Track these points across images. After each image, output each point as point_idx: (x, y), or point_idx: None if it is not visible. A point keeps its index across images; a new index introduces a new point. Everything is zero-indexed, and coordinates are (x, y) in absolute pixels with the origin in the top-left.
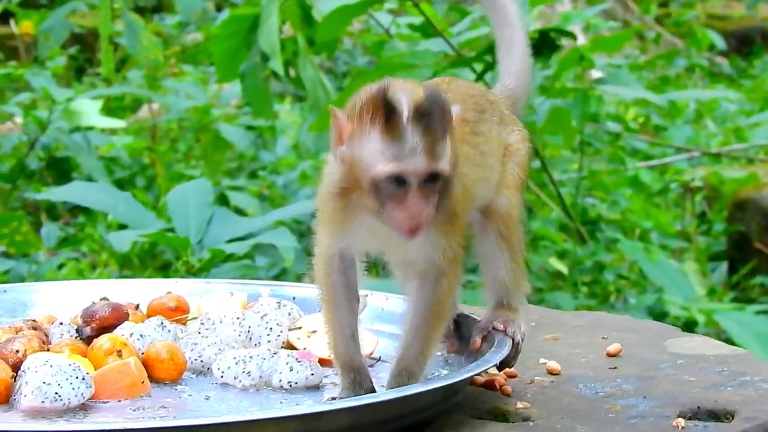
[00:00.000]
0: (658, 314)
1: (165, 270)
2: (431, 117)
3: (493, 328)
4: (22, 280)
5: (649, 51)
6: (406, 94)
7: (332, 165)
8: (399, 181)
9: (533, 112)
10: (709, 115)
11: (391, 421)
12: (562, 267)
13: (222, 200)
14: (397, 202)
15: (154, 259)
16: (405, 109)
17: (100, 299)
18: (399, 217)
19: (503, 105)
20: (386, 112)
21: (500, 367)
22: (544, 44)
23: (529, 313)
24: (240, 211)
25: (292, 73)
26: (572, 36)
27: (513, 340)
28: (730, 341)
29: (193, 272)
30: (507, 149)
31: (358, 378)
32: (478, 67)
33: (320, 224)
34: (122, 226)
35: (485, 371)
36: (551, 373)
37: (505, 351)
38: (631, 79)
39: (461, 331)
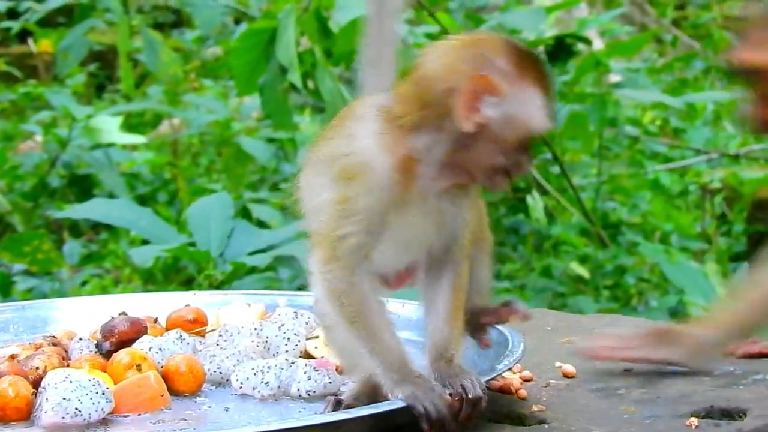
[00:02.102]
0: (680, 316)
1: (188, 284)
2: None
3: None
4: (45, 297)
5: (666, 54)
6: (525, 46)
7: (390, 137)
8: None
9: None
10: (727, 117)
11: (408, 427)
12: (583, 271)
13: (244, 213)
14: (525, 153)
15: (177, 274)
16: (544, 62)
17: (119, 314)
18: (525, 166)
19: None
20: (536, 65)
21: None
22: (560, 50)
23: (545, 318)
24: (263, 224)
25: (310, 85)
26: (587, 41)
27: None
28: None
29: (215, 285)
30: None
31: (412, 382)
32: None
33: (349, 225)
34: (145, 242)
35: (500, 375)
36: (566, 376)
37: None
38: (648, 83)
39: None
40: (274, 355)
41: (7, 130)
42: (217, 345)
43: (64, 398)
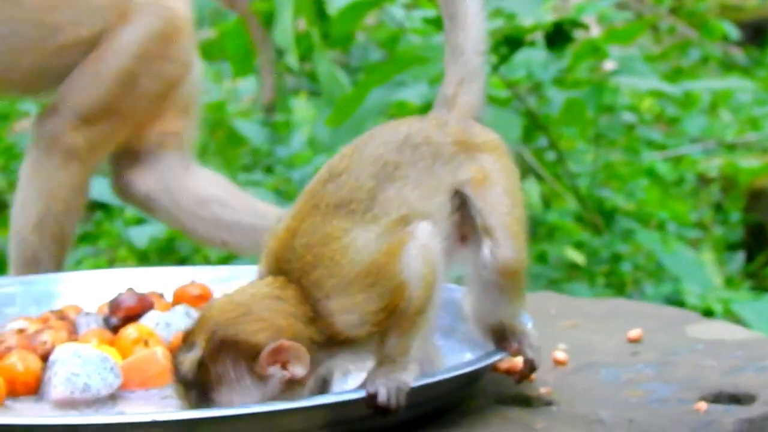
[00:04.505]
0: (675, 304)
1: (183, 264)
2: None
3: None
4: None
5: (663, 42)
6: None
7: None
8: None
9: (547, 104)
10: (724, 106)
11: (415, 407)
12: (578, 258)
13: None
14: None
15: (171, 254)
16: None
17: (126, 290)
18: None
19: (445, 133)
20: None
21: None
22: (558, 36)
23: (548, 301)
24: None
25: (306, 67)
26: (585, 27)
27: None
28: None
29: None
30: (472, 184)
31: None
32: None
33: None
34: (140, 222)
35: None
36: (557, 363)
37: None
38: (647, 70)
39: None
40: None
41: (3, 109)
42: None
43: (73, 373)
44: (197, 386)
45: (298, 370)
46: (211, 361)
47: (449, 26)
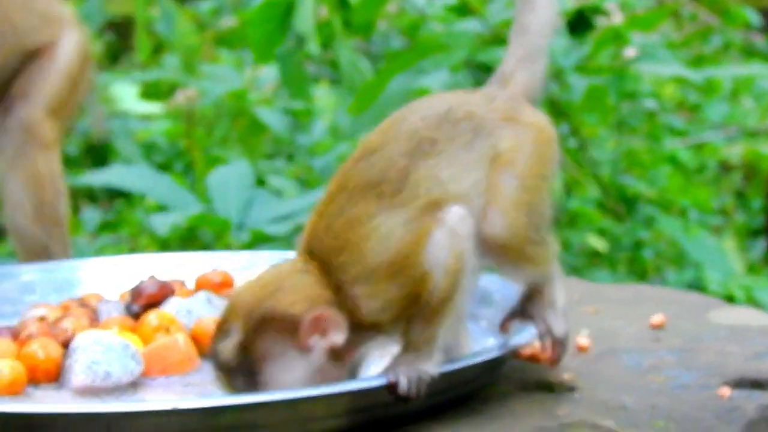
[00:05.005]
0: (697, 290)
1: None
2: None
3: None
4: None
5: (685, 29)
6: None
7: None
8: None
9: (569, 91)
10: (746, 92)
11: (437, 394)
12: (600, 245)
13: (260, 183)
14: None
15: (193, 242)
16: None
17: (148, 277)
18: None
19: (491, 108)
20: None
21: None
22: (580, 23)
23: (571, 287)
24: (279, 194)
25: (327, 55)
26: (607, 14)
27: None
28: None
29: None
30: (496, 160)
31: None
32: None
33: None
34: (161, 210)
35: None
36: (580, 349)
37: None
38: (668, 57)
39: None
40: None
41: None
42: None
43: (94, 361)
44: (241, 371)
45: (338, 337)
46: (252, 343)
47: (520, 4)
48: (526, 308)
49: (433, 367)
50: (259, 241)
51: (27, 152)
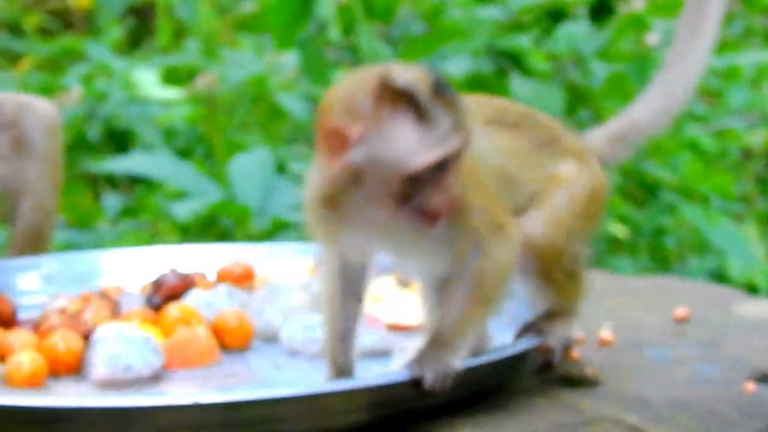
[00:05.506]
0: (719, 278)
1: (224, 238)
2: (448, 90)
3: (527, 329)
4: (81, 250)
5: None
6: (411, 74)
7: (319, 177)
8: (439, 166)
9: (590, 77)
10: (767, 79)
11: (460, 388)
12: (622, 232)
13: (280, 169)
14: (431, 189)
15: (213, 229)
16: (425, 90)
17: (169, 270)
18: (433, 205)
19: (568, 138)
20: (409, 97)
21: (542, 369)
22: (601, 9)
23: (594, 279)
24: (300, 180)
25: (348, 41)
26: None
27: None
28: None
29: (254, 241)
30: (554, 178)
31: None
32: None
33: (313, 234)
34: (179, 196)
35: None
36: (603, 342)
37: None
38: None
39: None
40: None
41: (44, 83)
42: (267, 300)
43: (115, 353)
44: None
45: None
46: None
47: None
48: (540, 326)
49: (457, 360)
50: (279, 228)
51: None
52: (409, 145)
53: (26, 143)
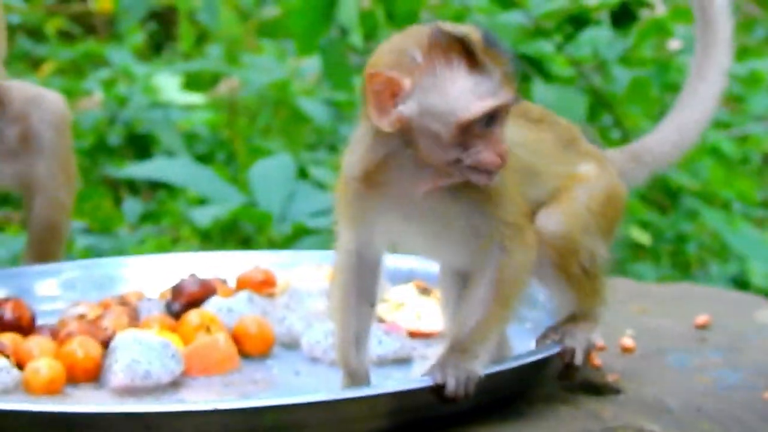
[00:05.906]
0: (741, 284)
1: (245, 244)
2: (498, 43)
3: (549, 332)
4: (103, 256)
5: None
6: (462, 29)
7: (363, 144)
8: (491, 117)
9: (612, 83)
10: None
11: (481, 395)
12: (644, 238)
13: (302, 174)
14: (484, 142)
15: (234, 234)
16: (478, 41)
17: (189, 276)
18: (487, 157)
19: (585, 141)
20: (463, 48)
21: (561, 377)
22: (623, 15)
23: (616, 286)
24: (321, 186)
25: (370, 46)
26: (650, 6)
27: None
28: None
29: (275, 247)
30: (573, 176)
31: (354, 384)
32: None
33: (339, 218)
34: (202, 201)
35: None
36: (625, 350)
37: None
38: None
39: None
40: None
41: (66, 87)
42: (287, 307)
43: (134, 360)
44: None
45: None
46: None
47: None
48: (562, 328)
49: (480, 366)
50: (300, 234)
51: None
52: (463, 94)
53: (34, 138)
